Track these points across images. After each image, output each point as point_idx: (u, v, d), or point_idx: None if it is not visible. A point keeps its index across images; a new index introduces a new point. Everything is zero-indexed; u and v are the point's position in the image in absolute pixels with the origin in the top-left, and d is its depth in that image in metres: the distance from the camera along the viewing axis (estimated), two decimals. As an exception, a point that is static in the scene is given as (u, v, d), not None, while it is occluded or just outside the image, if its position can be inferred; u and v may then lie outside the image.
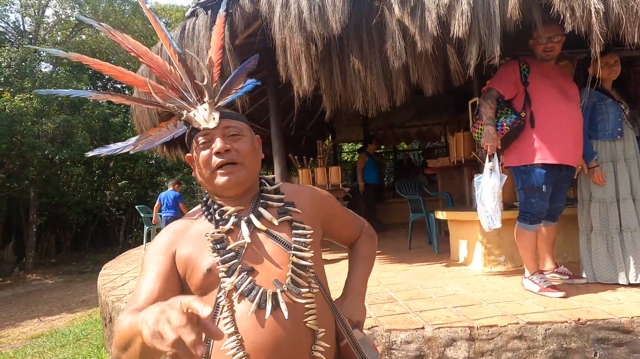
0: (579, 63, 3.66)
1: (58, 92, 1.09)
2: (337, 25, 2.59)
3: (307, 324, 0.89)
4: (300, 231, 0.96)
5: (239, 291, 0.87)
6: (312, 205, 1.03)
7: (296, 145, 7.94)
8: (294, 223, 0.97)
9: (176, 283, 0.91)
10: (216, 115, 0.95)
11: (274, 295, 0.87)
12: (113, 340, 0.77)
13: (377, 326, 2.20)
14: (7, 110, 10.49)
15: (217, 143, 0.93)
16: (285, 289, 0.88)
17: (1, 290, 10.40)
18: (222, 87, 1.03)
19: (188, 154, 1.03)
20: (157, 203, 6.98)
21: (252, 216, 0.95)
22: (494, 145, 2.52)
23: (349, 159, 15.06)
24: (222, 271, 0.89)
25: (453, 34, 2.44)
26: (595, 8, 2.33)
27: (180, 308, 0.58)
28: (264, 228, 0.94)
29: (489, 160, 2.51)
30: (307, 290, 0.91)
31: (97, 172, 14.84)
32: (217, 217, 0.95)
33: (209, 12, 3.42)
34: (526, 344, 2.09)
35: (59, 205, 13.74)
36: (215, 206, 0.97)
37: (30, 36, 14.54)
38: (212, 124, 0.94)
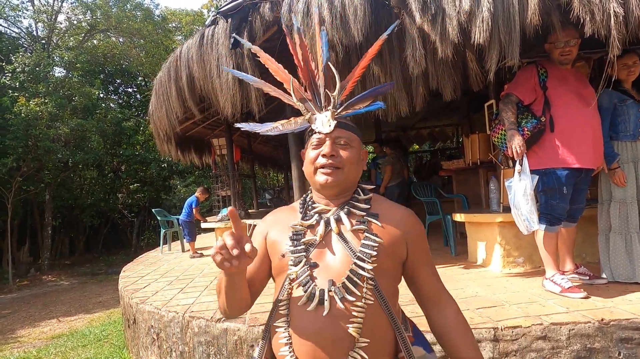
0: (594, 64, 3.68)
1: (240, 75, 1.31)
2: (358, 33, 2.65)
3: (350, 330, 0.93)
4: (368, 242, 0.99)
5: (298, 280, 0.99)
6: (398, 225, 1.04)
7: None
8: (367, 233, 1.01)
9: (267, 261, 1.08)
10: (333, 123, 1.07)
11: (322, 292, 0.96)
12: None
13: (403, 327, 2.25)
14: (22, 115, 10.71)
15: (326, 147, 1.05)
16: (333, 290, 0.95)
17: (19, 290, 10.61)
18: (348, 102, 1.12)
19: (303, 150, 1.15)
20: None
21: (331, 218, 1.05)
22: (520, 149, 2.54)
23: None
24: (291, 259, 1.01)
25: (474, 41, 2.48)
26: (614, 12, 2.36)
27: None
28: (337, 230, 1.03)
29: (519, 163, 2.55)
30: (355, 299, 0.94)
31: (109, 175, 15.04)
32: (306, 212, 1.09)
33: (229, 20, 3.50)
34: (550, 344, 2.13)
35: (72, 207, 13.98)
36: (310, 202, 1.11)
37: (43, 41, 14.77)
38: (326, 129, 1.06)
